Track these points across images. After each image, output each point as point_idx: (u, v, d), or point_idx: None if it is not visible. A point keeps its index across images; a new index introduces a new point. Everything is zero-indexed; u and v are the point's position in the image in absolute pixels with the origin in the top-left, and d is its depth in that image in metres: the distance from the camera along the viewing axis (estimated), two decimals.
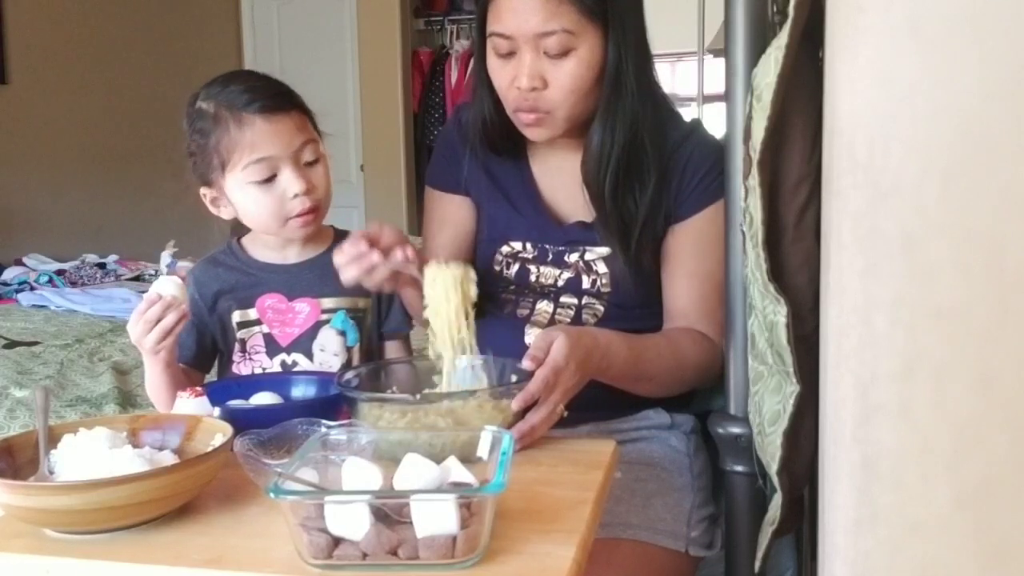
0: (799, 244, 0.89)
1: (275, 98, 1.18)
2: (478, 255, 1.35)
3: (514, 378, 1.03)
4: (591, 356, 1.06)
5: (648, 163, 1.20)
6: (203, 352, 1.26)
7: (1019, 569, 0.63)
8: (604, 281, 1.25)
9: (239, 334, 1.23)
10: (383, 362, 1.23)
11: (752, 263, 0.89)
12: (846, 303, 0.67)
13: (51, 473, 0.85)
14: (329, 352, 1.23)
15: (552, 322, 1.26)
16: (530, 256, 1.29)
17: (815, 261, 0.83)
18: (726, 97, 0.99)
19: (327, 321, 1.23)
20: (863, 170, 0.65)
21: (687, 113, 1.38)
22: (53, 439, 0.88)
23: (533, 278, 1.28)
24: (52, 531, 0.80)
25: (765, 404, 0.92)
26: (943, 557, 0.65)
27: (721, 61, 1.02)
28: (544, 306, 1.28)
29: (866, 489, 0.67)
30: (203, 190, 1.23)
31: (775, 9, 0.98)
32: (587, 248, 1.26)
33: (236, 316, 1.23)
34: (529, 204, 1.30)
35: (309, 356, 1.23)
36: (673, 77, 6.59)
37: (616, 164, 1.19)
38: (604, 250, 1.24)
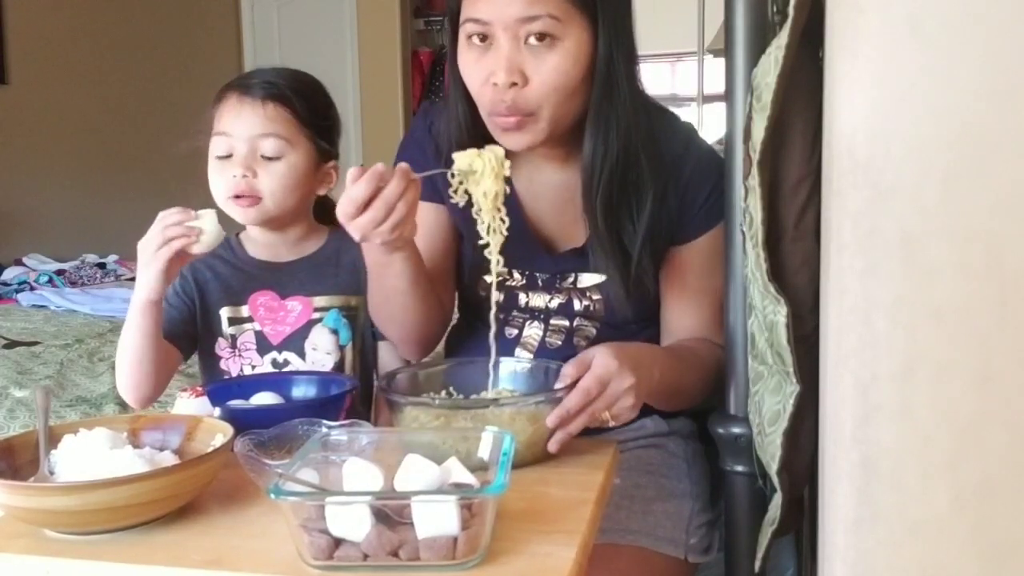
0: (799, 244, 0.89)
1: (259, 86, 1.19)
2: (462, 279, 1.27)
3: (558, 384, 1.00)
4: (641, 361, 1.01)
5: (644, 177, 1.11)
6: (186, 331, 1.22)
7: (1019, 569, 0.63)
8: (597, 306, 1.19)
9: (230, 331, 1.22)
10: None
11: (752, 263, 0.89)
12: (846, 303, 0.67)
13: (51, 473, 0.85)
14: (321, 351, 1.23)
15: (542, 343, 1.21)
16: (518, 284, 1.22)
17: (815, 261, 0.83)
18: (726, 97, 0.99)
19: (319, 320, 1.23)
20: (863, 170, 0.65)
21: (687, 113, 1.37)
22: (53, 439, 0.88)
23: (523, 303, 1.22)
24: (52, 531, 0.80)
25: (765, 404, 0.92)
26: (943, 557, 0.65)
27: (721, 61, 1.02)
28: (534, 329, 1.22)
29: (866, 489, 0.67)
30: None
31: (775, 9, 0.98)
32: (579, 274, 1.19)
33: (227, 312, 1.22)
34: (515, 231, 1.10)
35: (301, 355, 1.23)
36: (673, 77, 6.59)
37: (610, 175, 1.09)
38: (598, 277, 1.18)
